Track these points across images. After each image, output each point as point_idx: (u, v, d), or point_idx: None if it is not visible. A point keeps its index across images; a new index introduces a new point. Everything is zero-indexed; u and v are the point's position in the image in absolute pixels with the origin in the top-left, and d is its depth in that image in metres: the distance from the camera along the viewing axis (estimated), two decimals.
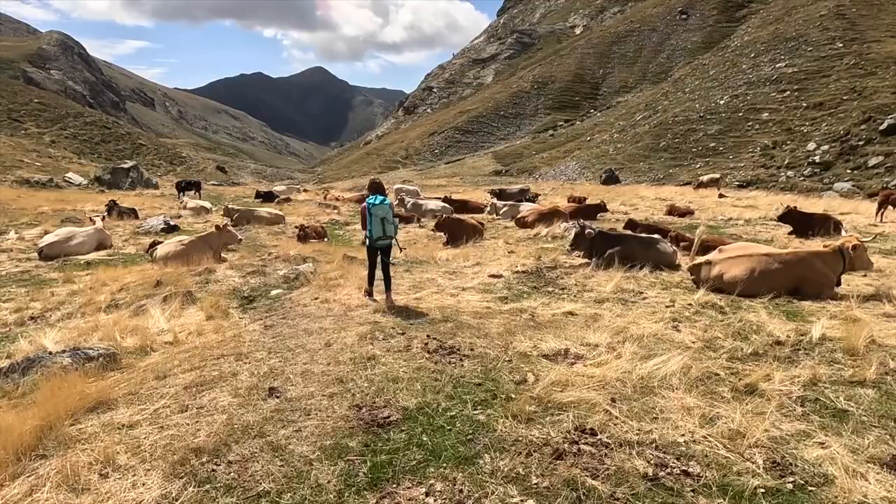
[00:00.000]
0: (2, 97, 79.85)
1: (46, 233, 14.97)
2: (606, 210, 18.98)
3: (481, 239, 13.66)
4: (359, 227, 18.24)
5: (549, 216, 15.17)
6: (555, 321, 6.08)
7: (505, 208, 18.70)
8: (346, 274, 8.33)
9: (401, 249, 8.14)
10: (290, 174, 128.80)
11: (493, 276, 8.43)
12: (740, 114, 56.54)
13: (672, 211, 19.09)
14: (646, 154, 60.62)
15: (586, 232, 9.04)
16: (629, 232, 10.95)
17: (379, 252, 7.71)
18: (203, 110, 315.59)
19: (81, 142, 78.84)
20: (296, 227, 15.31)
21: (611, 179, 52.99)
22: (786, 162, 46.91)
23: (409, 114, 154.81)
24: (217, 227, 11.16)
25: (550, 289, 7.80)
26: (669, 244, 9.49)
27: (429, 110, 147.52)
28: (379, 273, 7.58)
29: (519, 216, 16.14)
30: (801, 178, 44.15)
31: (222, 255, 11.79)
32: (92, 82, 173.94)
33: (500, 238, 13.79)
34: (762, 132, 53.02)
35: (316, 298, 7.24)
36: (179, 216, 21.30)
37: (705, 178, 34.18)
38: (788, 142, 49.70)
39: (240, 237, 11.71)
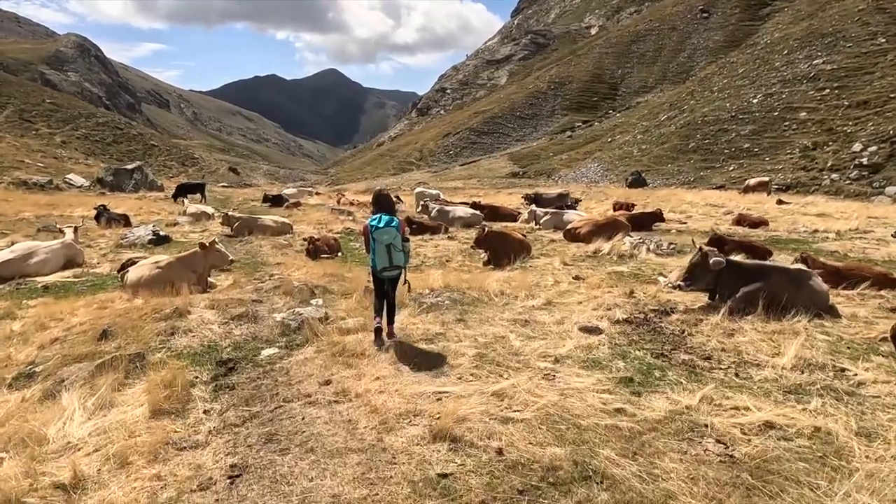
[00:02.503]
0: (14, 97, 78.70)
1: (13, 244, 12.59)
2: (663, 219, 16.32)
3: (529, 257, 11.07)
4: None
5: (609, 228, 12.51)
6: (769, 461, 3.44)
7: (547, 217, 16.03)
8: (371, 323, 5.79)
9: (406, 283, 6.17)
10: (304, 175, 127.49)
11: (585, 329, 5.82)
12: (776, 113, 53.51)
13: (741, 220, 16.34)
14: (673, 155, 57.83)
15: (712, 262, 6.38)
16: (758, 261, 8.07)
17: (385, 282, 6.03)
18: (217, 112, 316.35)
19: (93, 142, 77.50)
20: (304, 239, 12.82)
21: (637, 182, 50.42)
22: (829, 164, 43.95)
23: (423, 115, 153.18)
24: (202, 245, 8.64)
25: (685, 356, 5.10)
26: (820, 279, 6.80)
27: (442, 111, 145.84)
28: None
29: (569, 228, 13.47)
30: (848, 182, 41.22)
31: (210, 278, 9.32)
32: (108, 84, 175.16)
33: (553, 256, 11.16)
34: (800, 132, 49.99)
35: (327, 383, 4.66)
36: (176, 223, 18.92)
37: (753, 181, 31.28)
38: (830, 143, 46.67)
39: (231, 257, 9.14)
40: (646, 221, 15.64)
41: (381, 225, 5.76)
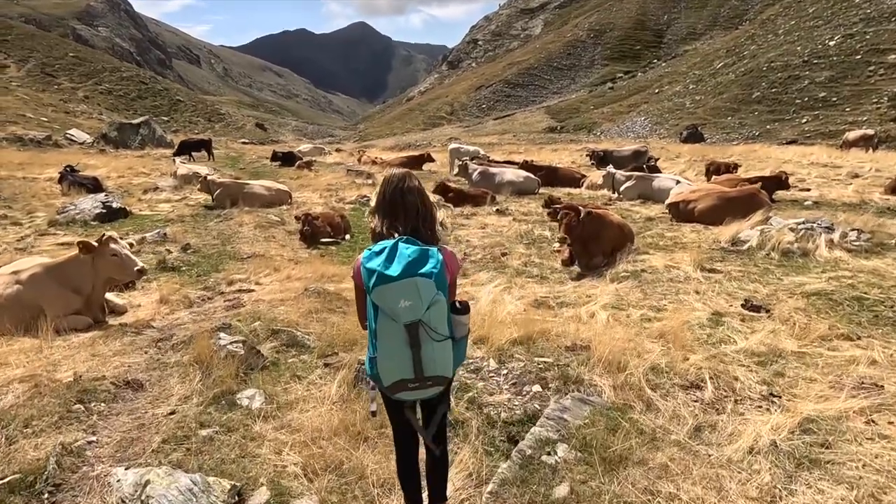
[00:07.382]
0: (37, 51, 76.02)
1: None
2: (788, 186, 11.94)
3: (633, 249, 7.09)
4: None
5: (743, 204, 8.31)
6: None
7: (630, 182, 11.68)
8: None
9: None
10: (332, 131, 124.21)
11: None
12: (858, 56, 46.95)
13: None
14: (734, 107, 51.86)
15: None
16: None
17: (408, 411, 2.26)
18: (248, 68, 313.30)
19: (116, 97, 74.85)
20: (297, 217, 9.07)
21: (693, 136, 45.01)
22: None
23: (454, 68, 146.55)
24: (85, 246, 4.90)
25: None
26: None
27: (474, 64, 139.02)
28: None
29: (677, 201, 9.24)
30: None
31: (119, 298, 5.65)
32: (139, 39, 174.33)
33: (670, 250, 7.12)
34: (889, 78, 43.72)
35: None
36: (156, 188, 15.38)
37: (852, 134, 26.06)
38: None
39: (140, 265, 5.06)
40: (766, 189, 11.35)
41: (395, 273, 2.01)
